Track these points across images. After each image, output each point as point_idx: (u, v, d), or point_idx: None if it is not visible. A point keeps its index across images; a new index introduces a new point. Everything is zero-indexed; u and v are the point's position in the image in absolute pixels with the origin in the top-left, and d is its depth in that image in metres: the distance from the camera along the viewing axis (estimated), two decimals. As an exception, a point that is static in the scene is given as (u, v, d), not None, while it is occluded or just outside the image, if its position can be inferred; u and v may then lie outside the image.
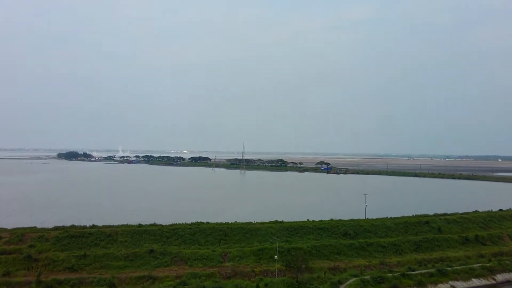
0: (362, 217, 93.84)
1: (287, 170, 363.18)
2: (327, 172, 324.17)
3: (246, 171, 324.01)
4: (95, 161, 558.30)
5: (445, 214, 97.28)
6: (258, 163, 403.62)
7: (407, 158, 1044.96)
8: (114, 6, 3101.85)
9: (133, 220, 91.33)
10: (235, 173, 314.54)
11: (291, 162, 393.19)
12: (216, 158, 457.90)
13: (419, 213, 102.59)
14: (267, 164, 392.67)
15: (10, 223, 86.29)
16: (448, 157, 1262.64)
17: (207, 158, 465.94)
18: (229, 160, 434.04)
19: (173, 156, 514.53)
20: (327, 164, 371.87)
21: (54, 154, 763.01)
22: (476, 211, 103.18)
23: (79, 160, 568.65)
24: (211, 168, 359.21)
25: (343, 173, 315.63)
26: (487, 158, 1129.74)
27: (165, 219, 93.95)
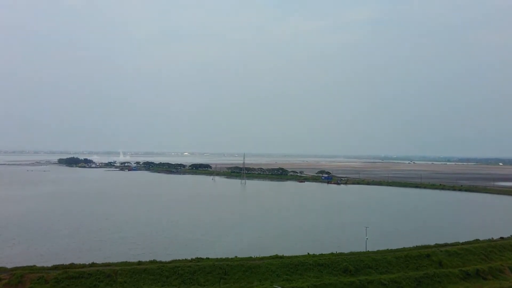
0: (363, 248, 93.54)
1: (287, 179, 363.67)
2: (328, 182, 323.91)
3: (247, 181, 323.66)
4: (95, 167, 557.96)
5: (446, 245, 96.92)
6: (259, 171, 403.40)
7: (408, 162, 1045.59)
8: (115, 6, 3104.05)
9: (132, 253, 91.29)
10: (235, 183, 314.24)
11: (291, 171, 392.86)
12: (217, 166, 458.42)
13: (420, 241, 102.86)
14: (267, 173, 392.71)
15: (9, 256, 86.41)
16: (449, 160, 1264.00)
17: (207, 166, 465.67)
18: (230, 168, 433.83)
19: (173, 163, 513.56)
20: (328, 173, 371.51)
21: (55, 158, 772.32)
22: (477, 240, 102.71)
23: (79, 167, 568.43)
24: (212, 178, 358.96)
25: (343, 183, 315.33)
26: (488, 161, 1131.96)
27: (164, 251, 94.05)
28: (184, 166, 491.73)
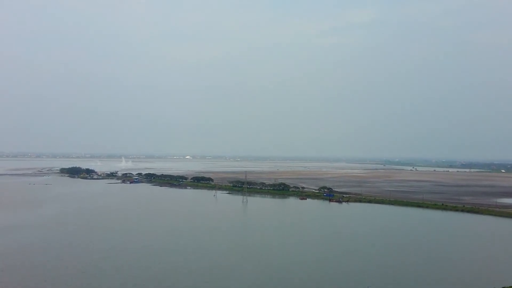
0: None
1: (289, 195, 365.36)
2: (329, 200, 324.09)
3: (248, 198, 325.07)
4: (97, 179, 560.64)
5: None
6: (260, 186, 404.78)
7: (410, 168, 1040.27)
8: (116, 7, 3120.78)
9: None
10: (237, 201, 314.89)
11: (293, 187, 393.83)
12: (218, 177, 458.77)
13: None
14: (269, 188, 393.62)
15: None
16: (451, 165, 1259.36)
17: (209, 179, 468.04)
18: (232, 182, 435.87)
19: (175, 175, 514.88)
20: (329, 189, 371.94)
21: (57, 164, 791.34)
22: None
23: (81, 178, 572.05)
24: (214, 194, 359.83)
25: (345, 201, 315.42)
26: (490, 166, 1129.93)
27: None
28: (185, 178, 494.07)
